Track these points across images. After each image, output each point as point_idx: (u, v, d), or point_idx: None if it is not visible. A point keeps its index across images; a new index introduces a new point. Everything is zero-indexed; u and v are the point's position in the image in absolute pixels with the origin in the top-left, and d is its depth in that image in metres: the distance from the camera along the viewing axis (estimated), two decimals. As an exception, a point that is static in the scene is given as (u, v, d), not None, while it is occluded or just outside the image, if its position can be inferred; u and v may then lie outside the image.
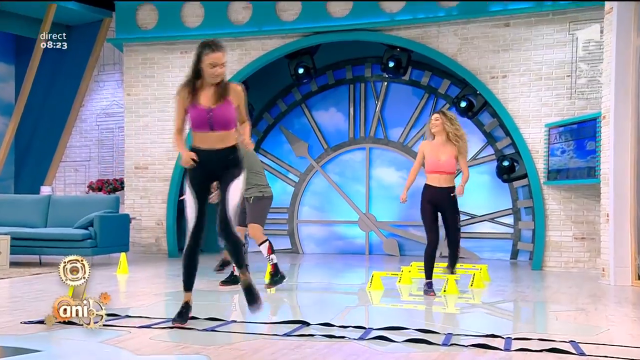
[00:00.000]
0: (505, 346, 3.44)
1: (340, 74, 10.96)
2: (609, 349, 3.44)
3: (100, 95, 12.31)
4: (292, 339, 3.65)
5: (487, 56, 8.94)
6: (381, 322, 4.32)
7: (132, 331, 3.91)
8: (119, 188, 11.65)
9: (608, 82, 7.07)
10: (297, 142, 11.14)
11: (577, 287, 6.51)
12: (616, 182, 6.84)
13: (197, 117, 4.01)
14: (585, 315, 4.66)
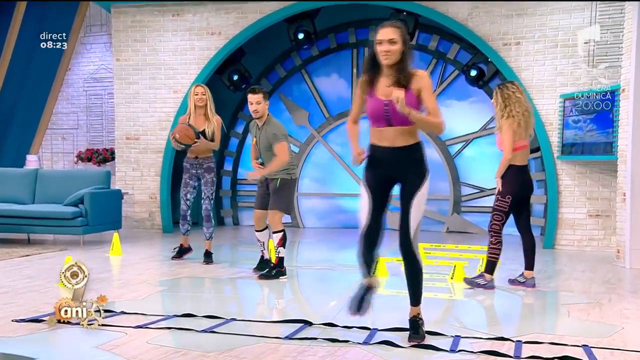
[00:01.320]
0: (515, 352, 3.49)
1: (343, 38, 10.84)
2: (623, 355, 3.49)
3: (87, 58, 12.21)
4: (295, 343, 3.70)
5: (499, 21, 8.82)
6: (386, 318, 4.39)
7: (129, 332, 3.95)
8: (109, 159, 11.67)
9: (628, 53, 6.99)
10: (297, 110, 11.09)
11: (591, 271, 6.56)
12: (634, 160, 6.85)
13: (373, 110, 3.66)
14: (599, 309, 4.71)
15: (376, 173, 3.71)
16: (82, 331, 4.02)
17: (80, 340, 3.85)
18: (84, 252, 7.72)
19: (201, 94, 6.81)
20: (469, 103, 10.18)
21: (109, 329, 4.03)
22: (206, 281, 5.90)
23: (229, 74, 10.31)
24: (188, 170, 6.83)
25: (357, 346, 3.64)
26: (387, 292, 5.63)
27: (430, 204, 10.37)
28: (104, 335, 3.89)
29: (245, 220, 11.43)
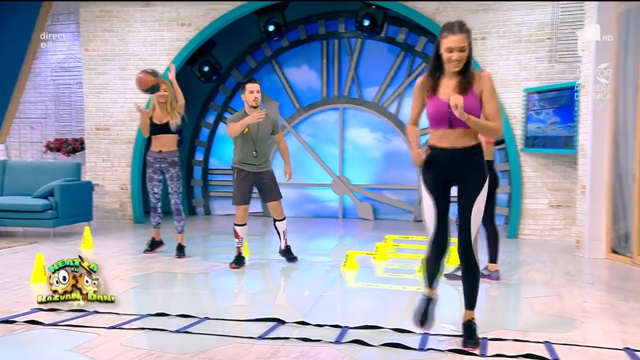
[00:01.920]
0: (481, 351, 3.56)
1: (313, 29, 10.80)
2: (582, 352, 3.59)
3: (54, 47, 11.92)
4: (268, 343, 3.72)
5: (465, 16, 8.85)
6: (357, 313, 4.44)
7: (102, 333, 3.93)
8: (79, 149, 11.49)
9: (588, 50, 7.10)
10: (268, 101, 11.03)
11: (552, 261, 6.70)
12: (593, 154, 6.98)
13: (435, 112, 3.58)
14: (560, 302, 4.83)
15: (435, 175, 3.67)
16: (55, 333, 3.98)
17: (54, 343, 3.81)
18: (54, 245, 7.61)
19: (163, 91, 6.73)
20: (436, 95, 10.22)
21: (82, 330, 3.99)
22: (179, 276, 5.88)
23: (200, 65, 10.21)
24: (152, 164, 6.77)
25: (329, 345, 3.67)
26: (357, 285, 5.67)
27: (398, 193, 10.50)
28: (77, 337, 3.86)
29: (217, 210, 11.40)
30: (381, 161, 10.62)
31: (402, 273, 6.08)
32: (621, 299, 4.97)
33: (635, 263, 6.43)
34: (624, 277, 5.91)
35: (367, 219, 10.55)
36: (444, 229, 3.70)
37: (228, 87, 11.23)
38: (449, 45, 3.47)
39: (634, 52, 6.58)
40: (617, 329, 4.09)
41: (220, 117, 11.28)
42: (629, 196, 6.69)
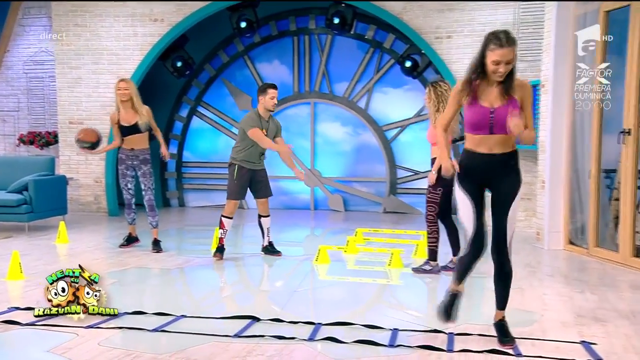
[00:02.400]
0: (448, 346, 3.62)
1: (284, 25, 10.76)
2: (542, 346, 3.68)
3: (26, 40, 11.68)
4: (244, 341, 3.73)
5: (432, 15, 8.94)
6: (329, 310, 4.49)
7: (80, 333, 3.89)
8: (52, 142, 11.30)
9: (548, 51, 7.21)
10: (240, 95, 10.99)
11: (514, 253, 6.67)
12: (553, 150, 7.11)
13: (476, 117, 3.52)
14: (522, 295, 4.92)
15: (473, 179, 3.64)
16: (33, 333, 3.93)
17: (32, 344, 3.76)
18: (29, 240, 7.50)
19: (124, 89, 6.66)
20: (404, 91, 10.31)
21: (60, 330, 3.95)
22: (155, 272, 5.83)
23: (173, 61, 10.09)
24: (124, 161, 6.73)
25: (303, 343, 3.70)
26: (329, 278, 5.72)
27: (368, 185, 10.58)
28: (55, 337, 3.82)
29: (191, 202, 11.33)
30: (351, 154, 10.67)
31: (372, 265, 6.14)
32: (578, 291, 5.09)
33: (591, 254, 6.59)
34: (581, 269, 6.06)
35: (338, 210, 10.60)
36: (484, 228, 3.71)
37: (201, 81, 11.14)
38: (496, 59, 3.45)
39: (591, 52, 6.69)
40: (574, 321, 4.19)
41: (194, 111, 11.20)
42: (585, 191, 6.84)
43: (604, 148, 6.61)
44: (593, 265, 6.21)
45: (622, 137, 6.12)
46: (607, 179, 6.78)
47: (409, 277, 5.67)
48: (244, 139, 6.29)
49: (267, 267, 6.25)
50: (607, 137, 6.61)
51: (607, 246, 6.54)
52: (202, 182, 11.28)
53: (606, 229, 6.71)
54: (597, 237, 6.59)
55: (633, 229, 6.07)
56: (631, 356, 3.51)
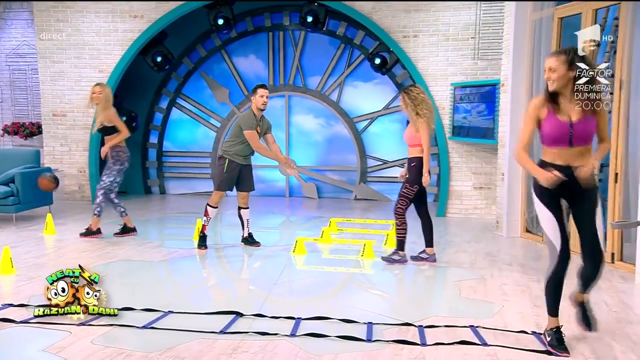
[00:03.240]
0: (420, 340, 3.69)
1: (259, 21, 10.65)
2: (504, 337, 3.79)
3: (8, 34, 11.35)
4: (229, 338, 3.75)
5: (399, 15, 8.94)
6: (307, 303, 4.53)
7: (73, 331, 3.87)
8: (36, 132, 11.07)
9: (507, 52, 7.29)
10: (218, 88, 10.88)
11: (476, 241, 6.97)
12: (512, 145, 7.22)
13: (555, 131, 3.44)
14: (484, 285, 5.03)
15: (553, 192, 3.51)
16: (28, 332, 3.89)
17: (27, 342, 3.72)
18: (17, 231, 7.38)
19: (98, 93, 6.88)
20: (373, 84, 10.33)
21: (54, 328, 3.92)
22: (140, 265, 5.77)
23: (153, 56, 9.93)
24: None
25: (285, 339, 3.73)
26: (306, 268, 5.76)
27: (340, 174, 10.62)
28: (49, 336, 3.79)
29: (171, 189, 11.25)
30: (324, 144, 10.68)
31: (345, 254, 6.21)
32: (534, 280, 5.22)
33: (545, 242, 6.75)
34: (536, 257, 6.21)
35: (312, 197, 10.64)
36: (568, 239, 3.62)
37: (180, 74, 10.99)
38: (545, 67, 3.55)
39: (546, 55, 6.78)
40: (531, 312, 4.31)
41: (173, 102, 11.07)
42: (541, 183, 6.98)
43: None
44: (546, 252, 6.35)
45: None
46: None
47: (379, 267, 5.75)
48: (239, 135, 6.27)
49: (248, 258, 6.24)
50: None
51: (560, 234, 6.71)
52: (182, 170, 11.20)
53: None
54: (551, 227, 6.74)
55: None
56: (583, 346, 3.64)
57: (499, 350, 3.55)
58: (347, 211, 9.11)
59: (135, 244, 6.65)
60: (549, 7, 6.75)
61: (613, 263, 5.68)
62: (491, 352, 3.53)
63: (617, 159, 5.63)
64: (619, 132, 5.61)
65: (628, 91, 5.53)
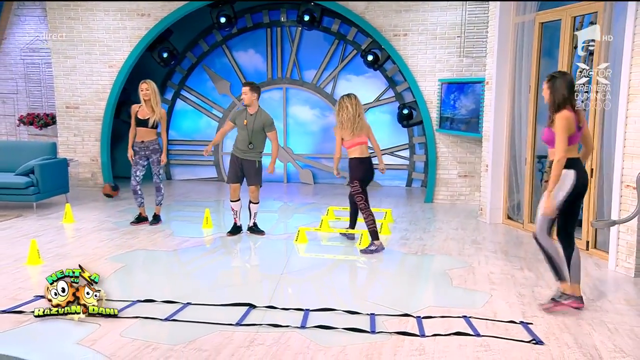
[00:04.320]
0: (420, 331, 3.76)
1: (258, 18, 10.54)
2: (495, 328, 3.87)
3: (22, 29, 11.18)
4: (245, 330, 3.80)
5: (390, 15, 8.89)
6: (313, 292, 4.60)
7: (102, 323, 3.91)
8: (50, 123, 10.97)
9: (491, 53, 7.30)
10: (220, 81, 10.81)
11: (462, 228, 7.05)
12: (495, 139, 7.28)
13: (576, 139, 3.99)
14: (472, 274, 5.11)
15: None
16: (59, 324, 3.90)
17: (60, 336, 3.74)
18: (38, 219, 7.36)
19: (145, 90, 6.76)
20: (365, 78, 10.30)
21: (83, 320, 3.95)
22: (156, 254, 5.78)
23: (159, 52, 9.82)
24: (137, 152, 6.87)
25: (296, 331, 3.78)
26: (307, 255, 5.83)
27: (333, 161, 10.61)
28: (80, 329, 3.81)
29: (176, 175, 11.23)
30: (319, 134, 10.68)
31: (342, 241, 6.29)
32: (517, 268, 5.32)
33: (525, 229, 6.87)
34: (517, 243, 6.30)
35: (308, 183, 10.67)
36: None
37: (184, 67, 10.89)
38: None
39: (527, 57, 6.81)
40: (517, 301, 4.40)
41: (178, 94, 10.99)
42: (521, 174, 7.06)
43: (537, 137, 6.80)
44: (528, 239, 6.46)
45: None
46: (539, 163, 7.01)
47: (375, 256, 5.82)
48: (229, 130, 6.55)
49: (254, 247, 6.23)
50: (540, 128, 6.79)
51: (539, 221, 6.81)
52: (187, 158, 11.16)
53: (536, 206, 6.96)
54: (530, 215, 6.85)
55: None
56: (566, 336, 3.74)
57: (491, 341, 3.64)
58: (341, 197, 9.16)
59: (148, 232, 6.67)
60: (530, 12, 6.74)
61: (588, 250, 5.80)
62: (484, 343, 3.61)
63: (593, 155, 5.70)
64: (595, 129, 5.67)
65: (604, 92, 5.57)
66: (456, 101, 8.33)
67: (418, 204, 8.71)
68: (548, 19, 6.42)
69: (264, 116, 6.46)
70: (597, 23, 5.60)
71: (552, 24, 6.46)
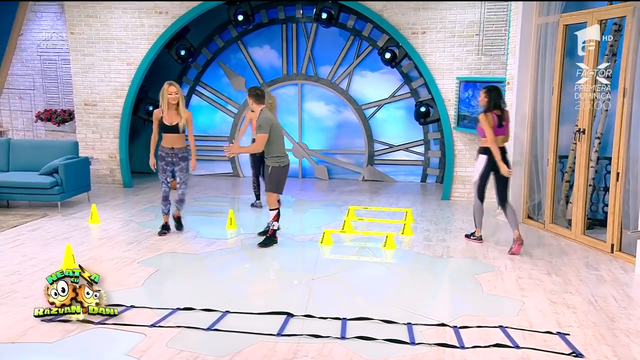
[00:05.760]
0: (459, 343, 3.78)
1: (273, 14, 10.49)
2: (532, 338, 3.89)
3: (38, 25, 11.14)
4: (287, 341, 3.82)
5: (409, 13, 8.83)
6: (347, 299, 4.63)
7: (147, 333, 3.94)
8: (68, 119, 10.98)
9: (513, 53, 7.26)
10: (235, 77, 10.78)
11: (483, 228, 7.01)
12: (516, 139, 7.27)
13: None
14: (502, 279, 5.10)
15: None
16: (106, 334, 3.92)
17: (109, 346, 3.76)
18: (64, 219, 7.39)
19: (174, 93, 6.36)
20: (380, 74, 10.27)
21: (129, 330, 3.98)
22: (185, 258, 5.75)
23: (177, 49, 9.78)
24: (164, 158, 6.48)
25: (338, 342, 3.80)
26: (333, 257, 5.86)
27: (349, 157, 10.65)
28: (127, 339, 3.83)
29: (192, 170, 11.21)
30: (334, 129, 10.67)
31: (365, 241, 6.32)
32: (544, 272, 5.33)
33: (547, 229, 6.88)
34: (540, 244, 6.30)
35: (323, 178, 10.69)
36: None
37: (199, 63, 10.85)
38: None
39: (550, 58, 6.78)
40: (549, 309, 4.41)
41: (193, 90, 10.97)
42: (541, 173, 7.06)
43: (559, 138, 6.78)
44: (550, 240, 6.49)
45: (578, 136, 6.30)
46: (560, 163, 7.00)
47: (401, 258, 5.86)
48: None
49: (280, 254, 6.00)
50: (562, 129, 6.78)
51: (560, 222, 6.83)
52: (202, 153, 11.16)
53: (558, 206, 6.99)
54: (552, 215, 6.86)
55: (584, 211, 6.34)
56: (604, 347, 3.77)
57: (531, 353, 3.67)
58: (357, 193, 9.18)
59: (174, 234, 6.68)
60: (554, 13, 6.69)
61: (612, 253, 5.82)
62: (524, 355, 3.64)
63: (619, 158, 5.70)
64: (622, 134, 5.66)
65: (631, 98, 5.56)
66: (474, 102, 8.30)
67: (435, 201, 8.72)
68: (573, 21, 6.37)
69: (260, 118, 6.05)
70: (626, 27, 5.56)
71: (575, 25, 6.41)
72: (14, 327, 4.01)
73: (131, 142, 10.34)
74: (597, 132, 6.40)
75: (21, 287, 4.84)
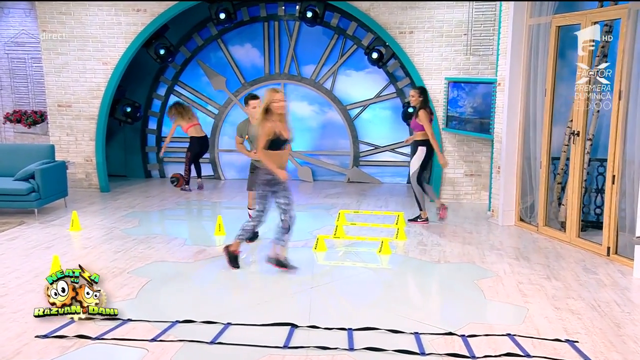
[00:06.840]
0: (469, 353, 3.81)
1: (255, 11, 10.43)
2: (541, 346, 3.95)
3: (6, 23, 10.85)
4: (294, 353, 3.80)
5: (396, 12, 8.89)
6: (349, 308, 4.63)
7: (149, 348, 3.87)
8: (39, 121, 10.73)
9: (504, 54, 7.37)
10: (215, 76, 10.68)
11: (476, 231, 7.15)
12: (507, 141, 7.38)
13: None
14: (502, 284, 5.19)
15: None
16: (106, 350, 3.83)
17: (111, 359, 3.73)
18: (43, 227, 7.21)
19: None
20: (365, 73, 10.30)
21: (129, 345, 3.89)
22: (178, 267, 5.68)
23: (156, 48, 9.64)
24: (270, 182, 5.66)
25: (346, 353, 3.80)
26: (329, 264, 5.86)
27: (333, 158, 10.66)
28: (129, 355, 3.76)
29: (170, 173, 11.09)
30: (318, 130, 10.67)
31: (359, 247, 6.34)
32: (544, 276, 5.42)
33: (540, 232, 7.01)
34: (536, 248, 6.40)
35: (307, 180, 10.68)
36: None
37: (177, 62, 10.72)
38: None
39: (542, 59, 6.90)
40: (554, 315, 4.47)
41: (171, 90, 10.83)
42: (534, 176, 7.18)
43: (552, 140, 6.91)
44: (544, 243, 6.60)
45: (572, 138, 6.43)
46: (552, 165, 7.14)
47: (397, 263, 5.89)
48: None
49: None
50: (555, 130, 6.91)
51: (552, 224, 6.97)
52: (180, 155, 11.02)
53: (550, 208, 7.12)
54: (545, 217, 6.99)
55: (579, 214, 6.47)
56: (615, 355, 3.85)
57: (542, 361, 3.74)
58: (344, 196, 9.20)
59: (162, 242, 6.59)
60: (546, 14, 6.81)
61: (609, 256, 5.96)
62: (536, 364, 3.71)
63: (614, 162, 5.83)
64: (617, 136, 5.79)
65: (627, 100, 5.70)
66: (463, 102, 8.40)
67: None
68: (567, 22, 6.50)
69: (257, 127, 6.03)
70: (621, 29, 5.69)
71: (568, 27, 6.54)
72: (7, 344, 3.90)
73: (107, 146, 10.15)
74: (589, 134, 6.54)
75: (8, 301, 4.71)
